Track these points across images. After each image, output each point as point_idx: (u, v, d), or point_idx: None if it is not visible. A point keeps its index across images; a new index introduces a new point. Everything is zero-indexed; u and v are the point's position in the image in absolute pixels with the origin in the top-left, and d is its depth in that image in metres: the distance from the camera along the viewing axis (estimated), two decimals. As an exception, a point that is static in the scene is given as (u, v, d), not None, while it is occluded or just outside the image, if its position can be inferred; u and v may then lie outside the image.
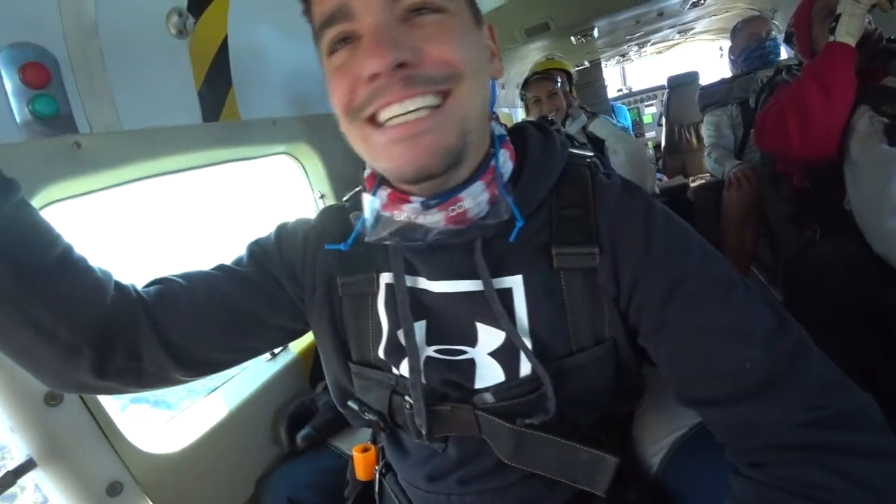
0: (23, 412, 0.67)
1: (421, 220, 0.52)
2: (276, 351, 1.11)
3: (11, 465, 0.67)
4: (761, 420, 0.48)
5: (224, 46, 0.99)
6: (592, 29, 2.23)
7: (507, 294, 0.55)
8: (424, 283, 0.59)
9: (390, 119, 0.47)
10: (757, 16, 2.16)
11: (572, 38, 2.33)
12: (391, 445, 0.68)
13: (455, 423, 0.59)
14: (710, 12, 2.46)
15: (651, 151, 3.80)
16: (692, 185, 2.43)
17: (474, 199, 0.52)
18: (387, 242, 0.57)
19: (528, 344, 0.54)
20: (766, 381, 0.47)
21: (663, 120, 3.26)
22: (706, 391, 0.51)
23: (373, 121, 0.48)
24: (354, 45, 0.47)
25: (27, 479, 0.70)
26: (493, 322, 0.56)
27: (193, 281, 0.63)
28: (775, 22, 2.17)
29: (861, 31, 1.22)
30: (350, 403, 0.66)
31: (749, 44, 2.06)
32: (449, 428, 0.59)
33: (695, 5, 2.18)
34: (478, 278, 0.55)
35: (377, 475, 0.74)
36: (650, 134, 4.15)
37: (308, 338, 1.18)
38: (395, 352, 0.60)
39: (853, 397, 0.47)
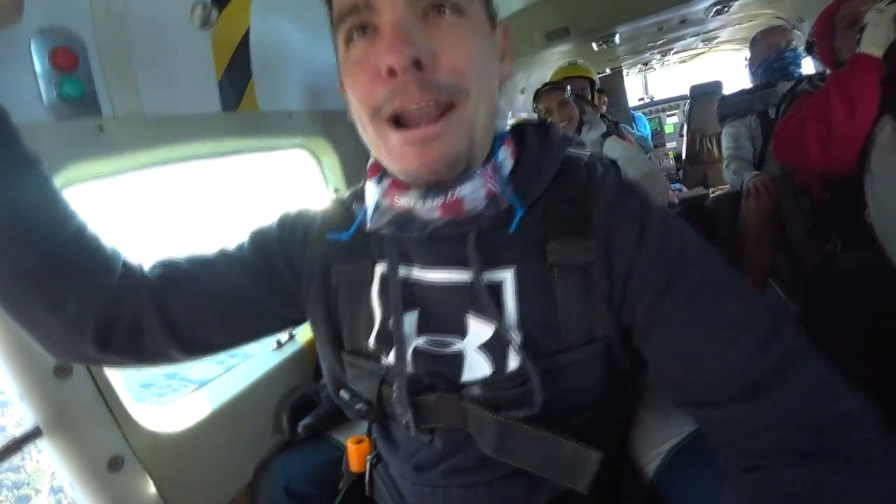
0: (33, 381, 0.69)
1: (418, 208, 0.53)
2: (283, 341, 1.13)
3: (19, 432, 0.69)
4: (756, 422, 0.47)
5: (246, 39, 1.02)
6: (614, 35, 2.21)
7: (498, 287, 0.55)
8: (418, 273, 0.60)
9: (407, 114, 0.48)
10: (776, 26, 2.13)
11: (593, 44, 2.32)
12: (382, 436, 0.68)
13: (441, 415, 0.58)
14: (735, 20, 2.42)
15: (672, 161, 3.75)
16: (711, 195, 2.40)
17: (472, 191, 0.52)
18: (384, 232, 0.57)
19: (517, 338, 0.54)
20: (761, 381, 0.46)
21: (684, 130, 3.21)
22: (700, 392, 0.50)
23: (391, 120, 0.49)
24: (372, 38, 0.48)
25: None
26: (483, 315, 0.55)
27: (196, 264, 0.65)
28: (797, 32, 2.13)
29: (888, 41, 1.19)
30: (342, 393, 0.66)
31: (768, 55, 2.03)
32: (435, 419, 0.59)
33: (718, 13, 2.15)
34: (471, 268, 0.55)
35: (368, 465, 0.74)
36: (671, 144, 4.08)
37: (314, 329, 1.20)
38: (386, 341, 0.60)
39: (852, 401, 0.46)
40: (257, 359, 1.07)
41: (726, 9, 2.13)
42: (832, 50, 1.47)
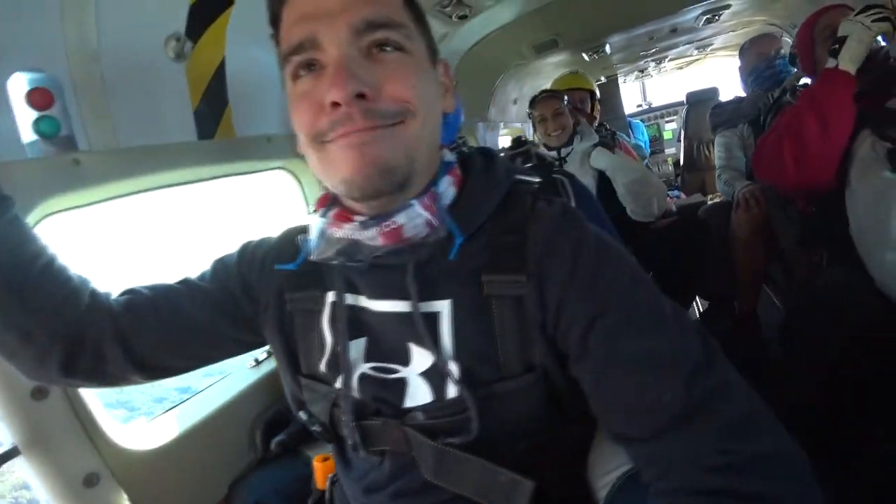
0: (11, 404, 0.73)
1: (359, 237, 0.55)
2: (260, 359, 1.16)
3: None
4: (674, 459, 0.48)
5: (221, 68, 1.06)
6: (603, 45, 2.22)
7: (435, 317, 0.57)
8: (365, 302, 0.62)
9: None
10: (765, 34, 2.11)
11: (584, 55, 2.33)
12: (338, 457, 0.71)
13: (386, 439, 0.61)
14: (728, 28, 2.41)
15: (671, 167, 3.72)
16: (709, 202, 2.39)
17: (410, 219, 0.54)
18: (332, 262, 0.60)
19: (456, 367, 0.56)
20: (682, 416, 0.47)
21: (682, 136, 3.19)
22: (622, 425, 0.52)
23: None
24: (318, 74, 0.51)
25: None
26: (423, 344, 0.57)
27: (159, 293, 0.69)
28: (787, 39, 2.11)
29: (863, 58, 1.18)
30: (301, 413, 0.69)
31: (758, 63, 2.01)
32: (381, 443, 0.61)
33: (709, 21, 2.14)
34: (410, 299, 0.57)
35: (329, 484, 0.76)
36: (670, 150, 4.05)
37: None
38: (335, 366, 0.63)
39: (771, 441, 0.46)
40: (235, 377, 1.10)
41: (717, 17, 2.13)
42: (813, 61, 1.45)
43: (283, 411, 1.05)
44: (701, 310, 2.22)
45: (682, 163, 3.12)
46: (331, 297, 0.65)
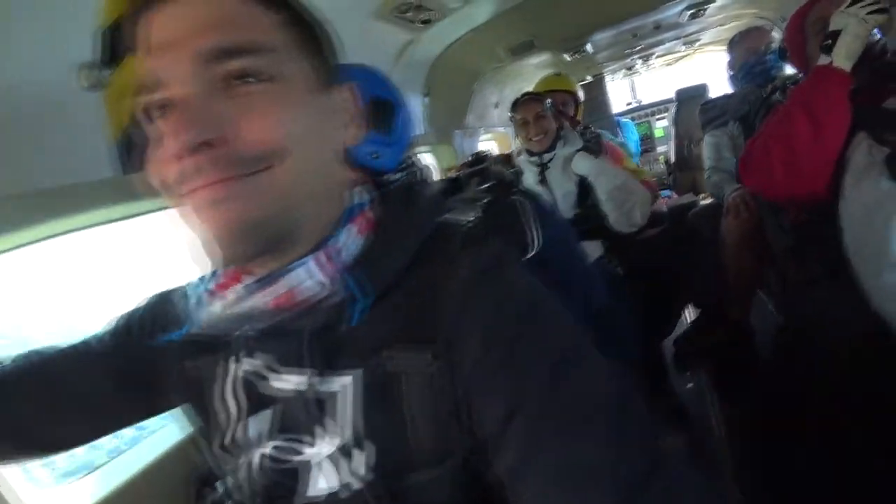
0: None
1: (246, 304, 0.47)
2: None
3: None
4: None
5: (148, 94, 0.97)
6: (584, 44, 2.12)
7: (337, 395, 0.49)
8: (267, 370, 0.53)
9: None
10: (754, 28, 2.00)
11: (565, 55, 2.23)
12: None
13: None
14: (716, 22, 2.30)
15: (663, 166, 3.61)
16: (701, 202, 2.31)
17: (298, 282, 0.46)
18: (215, 331, 0.51)
19: (360, 455, 0.47)
20: None
21: (673, 134, 3.08)
22: None
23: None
24: (169, 115, 0.42)
25: None
26: (326, 426, 0.49)
27: (48, 360, 0.61)
28: (775, 35, 2.00)
29: (859, 53, 1.08)
30: (218, 485, 0.61)
31: (748, 59, 1.91)
32: None
33: (694, 16, 2.04)
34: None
35: None
36: (662, 149, 3.90)
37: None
38: (237, 443, 0.55)
39: None
40: (172, 427, 1.02)
41: (702, 12, 2.02)
42: (805, 57, 1.35)
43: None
44: (691, 319, 2.14)
45: (673, 162, 3.02)
46: (232, 363, 0.57)
